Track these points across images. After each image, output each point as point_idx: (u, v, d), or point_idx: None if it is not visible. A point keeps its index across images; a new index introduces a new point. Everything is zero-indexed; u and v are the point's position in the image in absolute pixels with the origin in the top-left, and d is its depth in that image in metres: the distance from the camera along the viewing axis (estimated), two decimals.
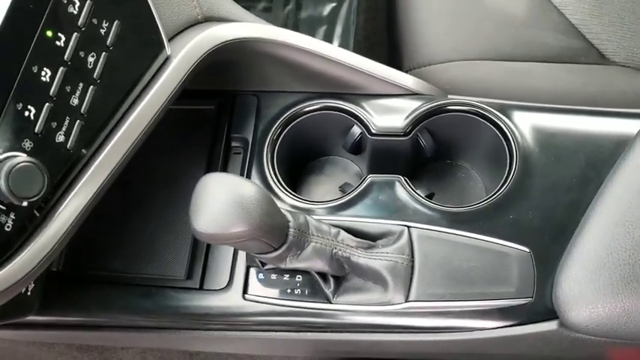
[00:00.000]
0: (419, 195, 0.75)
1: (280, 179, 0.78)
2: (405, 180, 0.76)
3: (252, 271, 0.73)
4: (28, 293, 0.70)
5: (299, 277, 0.71)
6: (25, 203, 0.52)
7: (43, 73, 0.53)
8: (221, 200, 0.55)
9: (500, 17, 0.95)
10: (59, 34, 0.54)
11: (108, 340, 0.84)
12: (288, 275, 0.71)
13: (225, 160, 0.81)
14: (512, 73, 0.91)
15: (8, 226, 0.52)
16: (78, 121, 0.57)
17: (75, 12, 0.55)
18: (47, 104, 0.53)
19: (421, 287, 0.67)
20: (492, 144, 0.78)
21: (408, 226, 0.70)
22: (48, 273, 0.75)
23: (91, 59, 0.57)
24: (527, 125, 0.76)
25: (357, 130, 0.81)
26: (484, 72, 0.92)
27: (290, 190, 0.77)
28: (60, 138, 0.55)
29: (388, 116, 0.79)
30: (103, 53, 0.58)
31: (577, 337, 0.66)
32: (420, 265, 0.68)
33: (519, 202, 0.72)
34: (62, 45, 0.54)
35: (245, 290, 0.72)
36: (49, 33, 0.53)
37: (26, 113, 0.52)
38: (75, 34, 0.55)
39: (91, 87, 0.57)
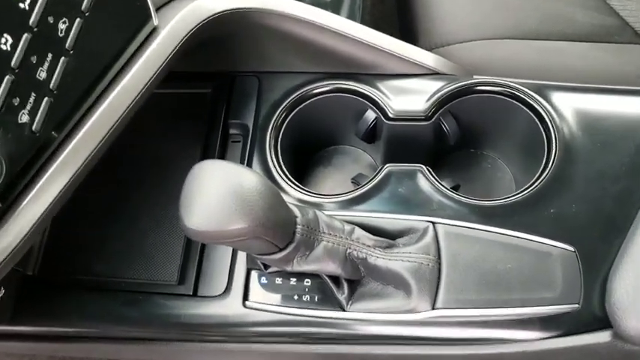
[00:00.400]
0: (444, 187, 0.71)
1: (285, 169, 0.74)
2: (428, 170, 0.72)
3: (254, 274, 0.69)
4: None
5: (307, 282, 0.67)
6: None
7: (2, 40, 0.48)
8: (217, 192, 0.50)
9: None
10: None
11: (91, 352, 0.81)
12: (295, 279, 0.68)
13: (223, 149, 0.78)
14: (543, 52, 0.88)
15: None
16: (46, 98, 0.52)
17: None
18: (8, 77, 0.48)
19: (450, 293, 0.63)
20: (526, 129, 0.74)
21: (433, 222, 0.66)
22: (23, 277, 0.72)
23: (62, 26, 0.52)
24: (567, 107, 0.73)
25: (371, 114, 0.77)
26: (510, 51, 0.89)
27: (296, 182, 0.74)
28: (23, 118, 0.51)
29: (407, 98, 0.75)
30: (77, 19, 0.54)
31: (634, 350, 0.62)
32: (448, 267, 0.63)
33: (561, 193, 0.68)
34: (27, 7, 0.49)
35: (245, 297, 0.69)
36: None
37: None
38: None
39: (62, 59, 0.53)
